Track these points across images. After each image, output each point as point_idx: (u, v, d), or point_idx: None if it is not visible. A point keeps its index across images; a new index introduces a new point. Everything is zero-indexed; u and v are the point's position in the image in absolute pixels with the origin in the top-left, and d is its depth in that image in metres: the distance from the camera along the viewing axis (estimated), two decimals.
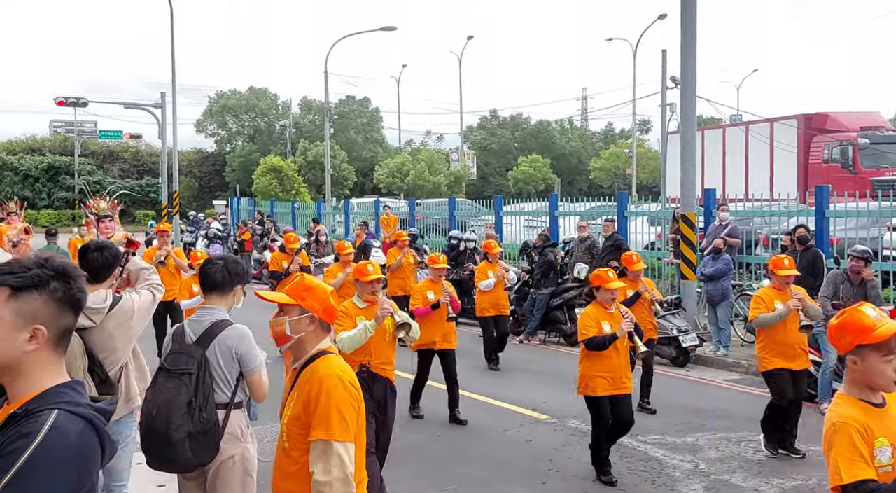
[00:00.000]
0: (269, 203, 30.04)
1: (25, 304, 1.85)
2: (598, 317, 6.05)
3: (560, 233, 16.10)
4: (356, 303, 5.65)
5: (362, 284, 5.65)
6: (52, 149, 49.78)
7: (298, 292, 2.97)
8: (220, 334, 3.79)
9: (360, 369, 5.20)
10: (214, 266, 3.99)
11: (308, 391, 2.84)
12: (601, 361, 6.01)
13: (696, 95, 12.36)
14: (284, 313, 2.96)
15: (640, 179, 43.80)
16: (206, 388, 3.72)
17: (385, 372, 5.53)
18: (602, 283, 6.07)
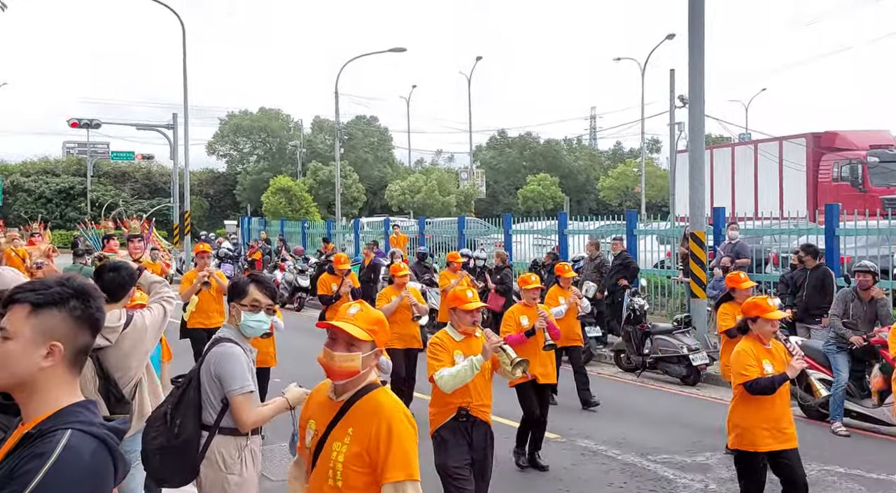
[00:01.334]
0: (280, 222, 30.19)
1: (44, 320, 1.88)
2: (758, 354, 4.96)
3: (569, 251, 16.12)
4: (451, 335, 4.90)
5: (461, 313, 4.85)
6: (65, 170, 50.24)
7: (371, 326, 2.78)
8: (209, 353, 3.73)
9: (458, 412, 4.75)
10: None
11: (375, 429, 2.67)
12: (761, 409, 4.94)
13: (705, 114, 12.42)
14: (355, 347, 2.73)
15: (648, 198, 43.74)
16: (189, 402, 3.60)
17: (484, 415, 4.90)
18: (761, 312, 4.97)
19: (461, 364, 4.68)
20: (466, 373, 4.64)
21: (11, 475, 1.75)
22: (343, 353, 2.71)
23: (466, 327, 4.88)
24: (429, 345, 4.84)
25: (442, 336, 4.91)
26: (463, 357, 4.76)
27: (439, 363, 4.72)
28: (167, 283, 4.66)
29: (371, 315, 2.80)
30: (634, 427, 8.17)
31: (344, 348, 2.72)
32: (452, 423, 4.76)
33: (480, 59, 49.56)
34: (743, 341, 5.11)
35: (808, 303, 9.87)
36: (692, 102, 12.23)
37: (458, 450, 4.75)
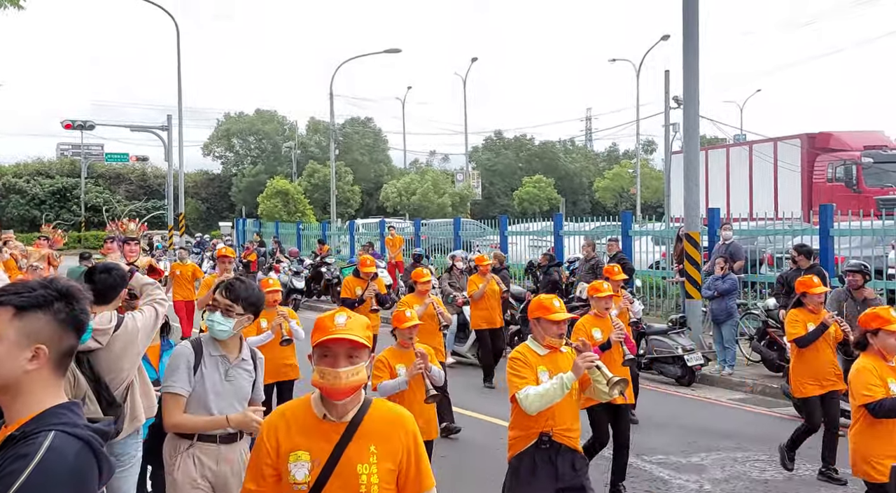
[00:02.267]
0: (274, 224, 30.17)
1: (28, 323, 1.86)
2: (882, 372, 4.69)
3: (565, 252, 16.13)
4: (534, 349, 4.35)
5: (546, 324, 4.26)
6: (59, 171, 50.16)
7: (366, 331, 2.58)
8: None
9: (540, 438, 4.21)
10: None
11: (404, 441, 2.55)
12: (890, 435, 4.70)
13: (700, 115, 12.44)
14: (356, 358, 2.51)
15: (644, 199, 43.85)
16: None
17: (571, 441, 4.31)
18: (883, 324, 4.74)
19: (549, 383, 4.14)
20: (555, 393, 4.09)
21: None
22: (349, 367, 2.47)
23: (552, 340, 4.30)
24: (509, 360, 4.33)
25: (524, 351, 4.36)
26: (548, 375, 4.22)
27: (522, 381, 4.18)
28: (159, 285, 4.64)
29: (361, 321, 2.60)
30: None
31: (346, 361, 2.48)
32: (533, 450, 4.24)
33: (476, 61, 49.67)
34: (862, 357, 4.72)
35: None
36: (687, 103, 12.25)
37: (541, 482, 4.24)
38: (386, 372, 5.29)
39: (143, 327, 4.17)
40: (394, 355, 5.42)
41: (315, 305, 19.09)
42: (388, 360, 5.35)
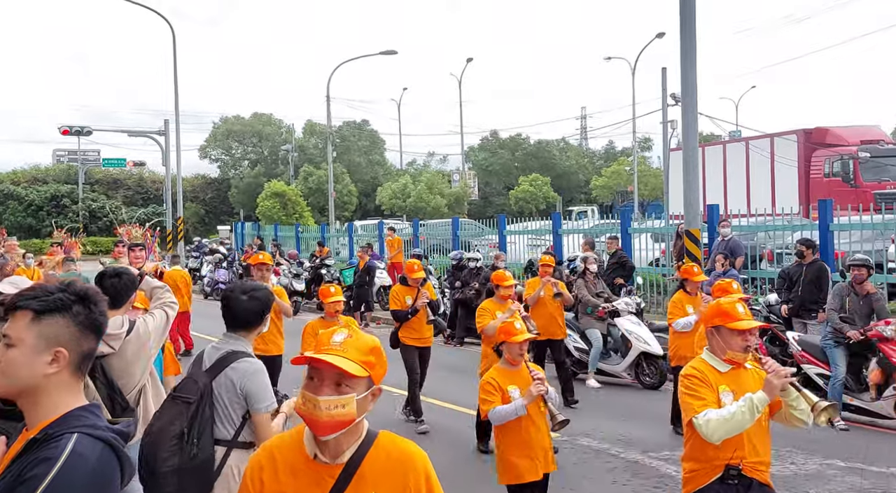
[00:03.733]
0: (273, 227, 30.16)
1: (47, 327, 1.88)
2: None
3: (564, 251, 16.16)
4: (712, 364, 3.67)
5: (729, 334, 3.63)
6: (55, 178, 50.09)
7: (366, 356, 2.12)
8: (230, 365, 3.55)
9: (726, 471, 3.55)
10: (238, 300, 3.73)
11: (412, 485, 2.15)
12: None
13: (698, 112, 12.46)
14: (348, 387, 2.07)
15: (641, 196, 43.89)
16: (204, 420, 3.44)
17: (762, 475, 3.63)
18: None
19: (735, 405, 3.47)
20: (743, 417, 3.42)
21: (18, 480, 1.76)
22: (331, 397, 2.04)
23: (736, 355, 3.63)
24: (682, 377, 3.68)
25: (700, 366, 3.67)
26: (732, 396, 3.56)
27: (700, 403, 3.52)
28: (169, 288, 4.64)
29: (365, 342, 2.14)
30: (635, 425, 8.19)
31: (332, 389, 2.05)
32: (718, 486, 3.58)
33: (471, 61, 49.68)
34: None
35: (803, 298, 9.92)
36: (685, 99, 12.28)
37: None
38: (497, 396, 4.53)
39: (155, 329, 4.17)
40: (503, 374, 4.63)
41: (315, 307, 19.08)
42: (498, 381, 4.59)
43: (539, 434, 4.57)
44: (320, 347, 2.11)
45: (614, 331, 10.49)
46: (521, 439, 4.54)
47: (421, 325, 8.32)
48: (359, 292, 16.83)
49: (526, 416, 4.48)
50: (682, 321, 7.41)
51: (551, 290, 9.15)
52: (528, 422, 4.50)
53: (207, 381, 3.54)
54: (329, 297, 6.92)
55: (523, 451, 4.54)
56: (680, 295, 7.70)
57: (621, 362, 10.25)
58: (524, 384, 4.53)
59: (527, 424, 4.50)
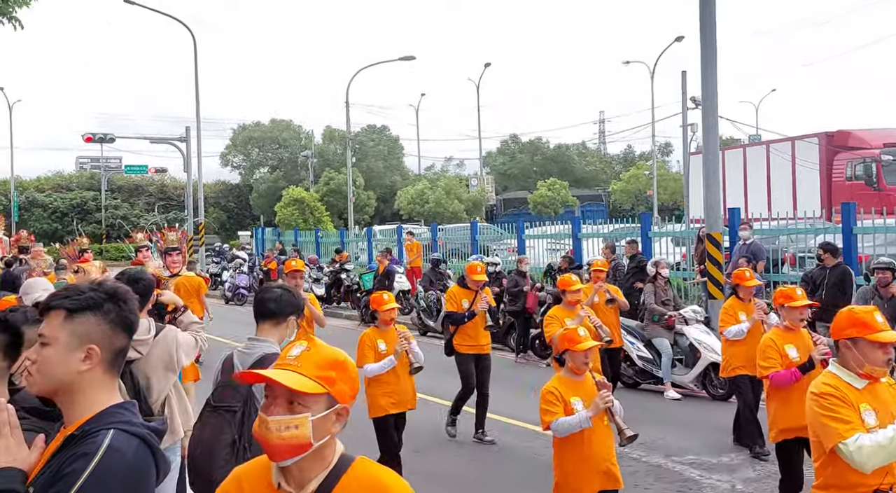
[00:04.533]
0: (293, 232, 30.34)
1: (80, 325, 1.93)
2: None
3: (583, 255, 16.12)
4: (847, 380, 3.27)
5: (868, 346, 3.23)
6: (79, 185, 50.71)
7: (325, 371, 1.86)
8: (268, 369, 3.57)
9: None
10: (271, 294, 3.75)
11: None
12: None
13: (719, 115, 12.41)
14: (302, 406, 1.83)
15: (661, 201, 43.67)
16: (251, 426, 3.44)
17: None
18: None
19: (890, 429, 3.08)
20: None
21: (57, 475, 1.81)
22: (281, 417, 1.81)
23: (875, 369, 3.22)
24: (818, 397, 3.25)
25: (834, 383, 3.26)
26: (874, 414, 3.16)
27: (847, 427, 3.10)
28: (204, 326, 4.64)
29: (324, 355, 1.89)
30: (658, 429, 8.15)
31: (283, 408, 1.83)
32: None
33: (489, 66, 49.77)
34: None
35: (827, 302, 9.81)
36: (705, 103, 12.22)
37: None
38: (559, 406, 4.24)
39: (184, 343, 4.22)
40: (566, 384, 4.35)
41: (335, 311, 19.19)
42: (560, 391, 4.30)
43: (602, 448, 4.30)
44: (277, 361, 1.93)
45: (681, 340, 10.05)
46: (582, 453, 4.25)
47: (478, 331, 7.70)
48: None
49: (588, 429, 4.20)
50: (734, 329, 6.99)
51: (604, 295, 8.73)
52: (590, 435, 4.22)
53: (247, 387, 3.51)
54: (383, 304, 6.36)
55: (584, 465, 4.27)
56: (732, 301, 7.26)
57: (689, 373, 9.86)
58: (588, 396, 4.27)
59: (589, 437, 4.22)
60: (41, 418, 2.19)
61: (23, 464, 1.90)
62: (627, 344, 10.11)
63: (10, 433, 1.91)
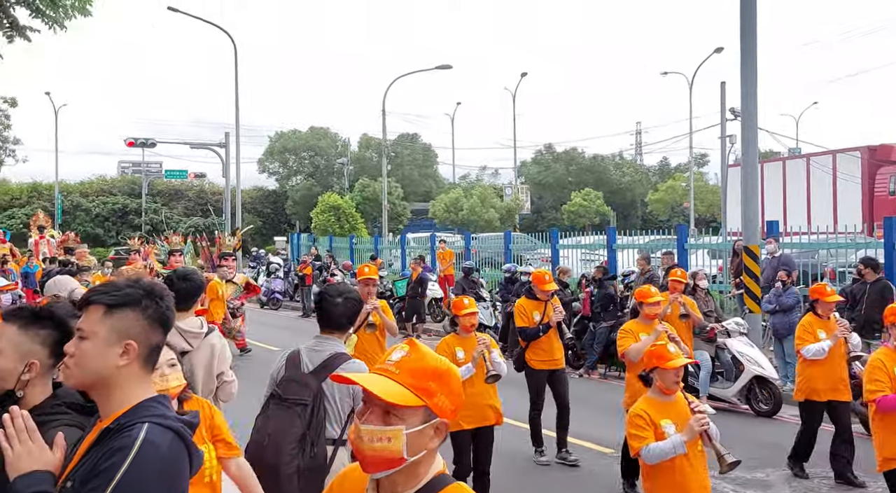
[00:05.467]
0: (328, 239, 30.59)
1: (118, 321, 1.97)
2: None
3: (618, 266, 16.01)
4: None
5: None
6: (120, 189, 51.73)
7: (424, 381, 1.73)
8: (339, 367, 3.57)
9: None
10: (335, 308, 3.79)
11: None
12: None
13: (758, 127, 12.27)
14: (396, 418, 1.71)
15: (698, 213, 43.20)
16: (319, 421, 3.52)
17: None
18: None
19: None
20: None
21: (95, 469, 1.84)
22: (373, 427, 1.71)
23: None
24: None
25: None
26: None
27: None
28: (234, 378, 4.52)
29: (425, 363, 1.75)
30: None
31: (378, 418, 1.72)
32: None
33: (525, 75, 49.72)
34: None
35: (867, 317, 9.65)
36: (745, 114, 12.10)
37: None
38: (649, 431, 3.95)
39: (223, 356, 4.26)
40: (655, 406, 4.03)
41: None
42: (649, 414, 3.99)
43: (696, 475, 3.94)
44: (374, 366, 1.81)
45: (723, 353, 9.85)
46: (674, 480, 3.92)
47: (552, 345, 7.23)
48: (411, 304, 16.99)
49: (682, 455, 3.87)
50: (813, 348, 6.49)
51: (678, 309, 8.21)
52: (683, 461, 3.89)
53: (317, 383, 3.59)
54: (463, 308, 5.88)
55: None
56: (810, 318, 6.78)
57: (731, 387, 9.61)
58: (681, 418, 3.93)
59: (682, 463, 3.89)
60: (81, 413, 2.24)
61: (48, 465, 1.94)
62: None
63: (30, 436, 1.94)
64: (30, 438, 1.94)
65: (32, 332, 2.27)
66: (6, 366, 2.22)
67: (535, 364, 7.24)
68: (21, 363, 2.22)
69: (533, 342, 7.18)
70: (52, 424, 2.13)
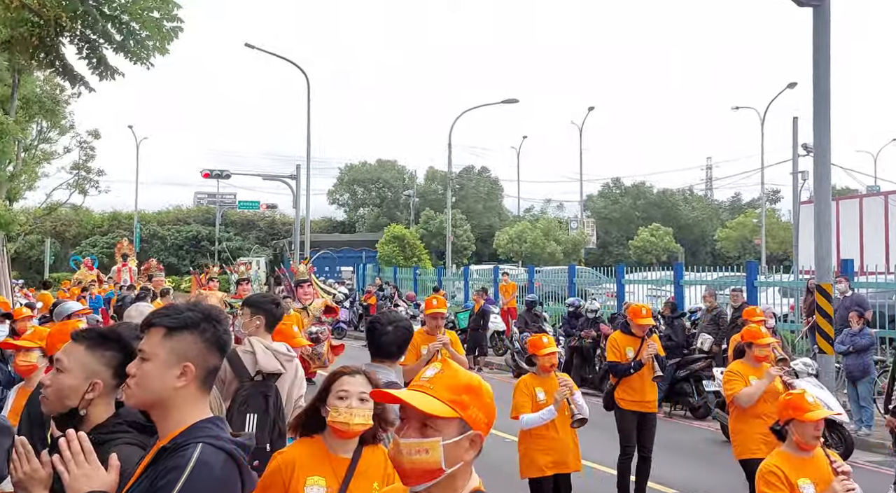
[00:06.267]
0: (393, 269, 30.90)
1: (178, 343, 2.04)
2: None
3: (685, 303, 15.69)
4: None
5: None
6: (195, 219, 53.47)
7: (458, 395, 1.82)
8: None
9: None
10: (387, 336, 3.80)
11: None
12: None
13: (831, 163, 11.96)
14: (433, 430, 1.79)
15: (769, 250, 41.99)
16: None
17: None
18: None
19: None
20: None
21: (151, 488, 1.92)
22: (412, 440, 1.79)
23: None
24: None
25: None
26: None
27: None
28: None
29: (458, 379, 1.85)
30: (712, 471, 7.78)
31: (416, 431, 1.80)
32: None
33: (592, 110, 49.60)
34: None
35: None
36: (818, 150, 11.80)
37: None
38: (785, 490, 3.62)
39: (303, 382, 4.38)
40: (791, 463, 3.71)
41: None
42: (784, 471, 3.65)
43: None
44: (411, 383, 1.91)
45: None
46: None
47: (644, 384, 6.87)
48: (473, 336, 16.98)
49: None
50: None
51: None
52: None
53: None
54: (542, 348, 5.59)
55: None
56: None
57: None
58: (820, 478, 3.58)
59: None
60: (142, 432, 2.33)
61: (104, 486, 2.01)
62: None
63: (87, 458, 2.02)
64: (86, 459, 2.02)
65: (98, 353, 2.38)
66: (71, 384, 2.33)
67: (624, 404, 6.89)
68: (85, 382, 2.33)
69: (624, 380, 6.84)
70: (114, 442, 2.23)
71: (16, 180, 21.06)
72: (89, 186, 30.67)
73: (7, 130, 14.90)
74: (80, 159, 30.87)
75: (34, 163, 25.35)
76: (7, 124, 14.92)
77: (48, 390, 2.36)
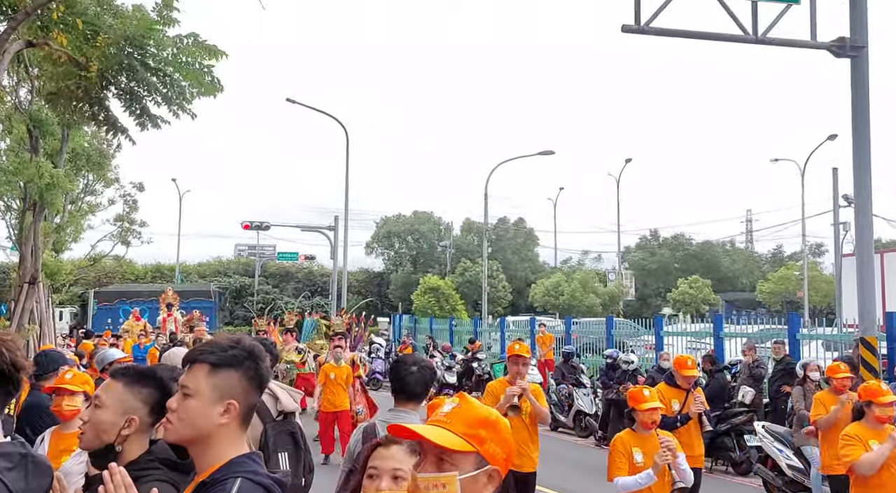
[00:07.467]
0: (429, 320, 30.87)
1: (222, 380, 2.05)
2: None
3: (725, 355, 15.38)
4: None
5: None
6: (235, 270, 54.29)
7: (474, 429, 1.81)
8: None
9: None
10: (408, 370, 3.81)
11: None
12: None
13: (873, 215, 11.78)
14: (449, 464, 1.78)
15: (812, 303, 41.08)
16: None
17: None
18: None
19: None
20: None
21: None
22: (429, 474, 1.77)
23: None
24: None
25: None
26: None
27: None
28: None
29: (475, 413, 1.83)
30: None
31: (433, 465, 1.79)
32: None
33: (630, 161, 49.67)
34: None
35: None
36: (859, 201, 11.65)
37: None
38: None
39: None
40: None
41: None
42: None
43: None
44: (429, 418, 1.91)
45: None
46: None
47: (691, 437, 6.59)
48: None
49: None
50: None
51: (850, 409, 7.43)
52: None
53: None
54: (643, 402, 5.04)
55: None
56: None
57: None
58: None
59: None
60: (173, 469, 2.36)
61: None
62: (775, 452, 9.46)
63: (127, 492, 2.05)
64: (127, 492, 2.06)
65: (136, 390, 2.44)
66: (109, 420, 2.39)
67: None
68: (122, 418, 2.39)
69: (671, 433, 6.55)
70: (146, 479, 2.27)
71: (62, 232, 21.65)
72: (132, 237, 31.41)
73: (57, 184, 15.40)
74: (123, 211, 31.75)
75: (80, 215, 26.12)
76: (58, 177, 15.42)
77: (86, 425, 2.42)
